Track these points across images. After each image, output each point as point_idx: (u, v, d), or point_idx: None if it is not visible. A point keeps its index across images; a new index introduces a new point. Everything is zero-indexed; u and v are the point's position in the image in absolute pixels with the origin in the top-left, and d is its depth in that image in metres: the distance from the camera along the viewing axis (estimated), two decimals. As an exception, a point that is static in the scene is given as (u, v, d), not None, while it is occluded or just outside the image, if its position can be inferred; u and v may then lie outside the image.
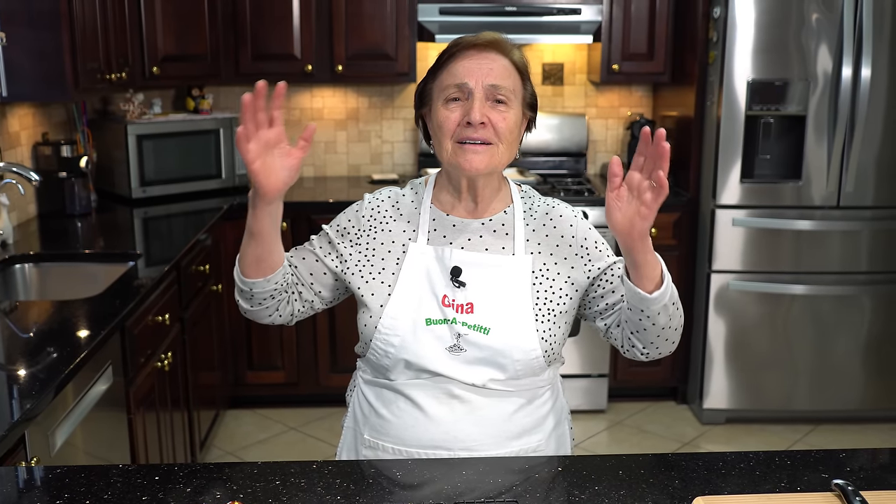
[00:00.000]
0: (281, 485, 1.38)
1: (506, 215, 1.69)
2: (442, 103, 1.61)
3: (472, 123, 1.57)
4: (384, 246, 1.68)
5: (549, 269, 1.66)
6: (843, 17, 3.55)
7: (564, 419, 1.78)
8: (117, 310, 2.31)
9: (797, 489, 1.37)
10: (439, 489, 1.37)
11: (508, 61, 1.62)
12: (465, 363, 1.59)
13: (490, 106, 1.59)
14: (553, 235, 1.68)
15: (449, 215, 1.68)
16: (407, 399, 1.62)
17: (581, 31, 4.07)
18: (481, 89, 1.58)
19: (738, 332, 3.87)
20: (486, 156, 1.59)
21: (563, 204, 1.75)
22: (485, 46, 1.61)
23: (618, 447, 3.77)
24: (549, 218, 1.70)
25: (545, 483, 1.40)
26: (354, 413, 1.74)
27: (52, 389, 1.80)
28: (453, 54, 1.62)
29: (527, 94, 1.66)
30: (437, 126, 1.63)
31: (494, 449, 1.61)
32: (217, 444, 3.71)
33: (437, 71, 1.64)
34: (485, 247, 1.66)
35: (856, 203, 3.74)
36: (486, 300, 1.61)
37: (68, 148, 3.52)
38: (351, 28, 4.05)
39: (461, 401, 1.60)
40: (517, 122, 1.63)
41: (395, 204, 1.72)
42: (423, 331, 1.60)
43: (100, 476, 1.40)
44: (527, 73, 1.66)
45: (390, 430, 1.64)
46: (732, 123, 3.71)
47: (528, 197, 1.74)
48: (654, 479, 1.40)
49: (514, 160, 1.68)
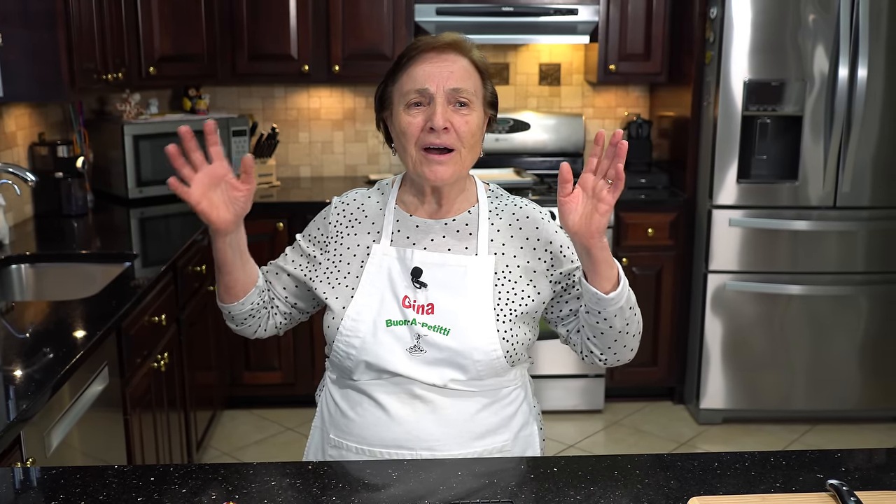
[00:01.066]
0: (276, 485, 1.38)
1: (470, 215, 1.68)
2: (403, 108, 1.60)
3: (435, 129, 1.56)
4: (350, 250, 1.68)
5: (511, 270, 1.65)
6: (840, 17, 3.56)
7: (533, 420, 1.76)
8: (113, 310, 2.31)
9: (792, 489, 1.37)
10: (428, 485, 1.37)
11: (468, 61, 1.61)
12: (425, 364, 1.58)
13: (452, 110, 1.58)
14: (518, 236, 1.67)
15: (412, 216, 1.68)
16: (370, 399, 1.62)
17: (578, 31, 4.07)
18: (443, 94, 1.57)
19: (734, 332, 3.87)
20: (451, 166, 1.59)
21: (531, 204, 1.73)
22: (444, 48, 1.60)
23: (614, 447, 3.77)
24: (515, 218, 1.69)
25: (540, 483, 1.39)
26: (322, 413, 1.74)
27: (47, 390, 1.80)
28: (412, 57, 1.60)
29: (487, 94, 1.65)
30: (399, 132, 1.62)
31: (457, 449, 1.60)
32: (214, 445, 3.71)
33: (397, 74, 1.63)
34: (447, 247, 1.65)
35: (852, 203, 3.75)
36: (447, 301, 1.60)
37: (65, 148, 3.52)
38: (348, 28, 4.04)
39: (423, 401, 1.59)
40: (479, 123, 1.62)
41: (361, 206, 1.72)
42: (384, 332, 1.59)
43: (95, 477, 1.40)
44: (487, 72, 1.65)
45: (354, 430, 1.64)
46: (729, 124, 3.72)
47: (494, 196, 1.73)
48: (650, 480, 1.40)
49: (480, 158, 1.68)
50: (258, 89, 4.45)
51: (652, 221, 3.96)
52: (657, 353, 4.09)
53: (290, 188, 4.28)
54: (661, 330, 4.06)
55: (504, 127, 4.41)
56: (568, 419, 4.00)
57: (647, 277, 4.00)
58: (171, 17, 3.83)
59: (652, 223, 3.96)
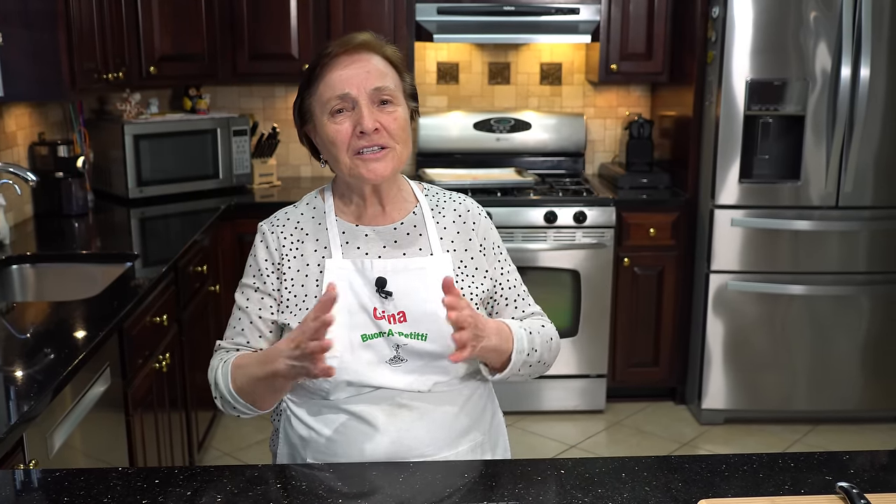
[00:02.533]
0: (282, 487, 1.37)
1: (415, 216, 1.66)
2: (328, 117, 1.56)
3: (365, 132, 1.54)
4: (300, 272, 1.61)
5: (466, 265, 1.65)
6: (842, 16, 3.55)
7: (497, 409, 1.76)
8: (115, 311, 2.30)
9: (801, 492, 1.36)
10: (432, 489, 1.36)
11: (382, 58, 1.59)
12: (407, 373, 1.56)
13: (378, 109, 1.56)
14: (464, 231, 1.67)
15: (358, 226, 1.64)
16: (351, 415, 1.57)
17: (579, 30, 4.06)
18: (365, 95, 1.54)
19: (736, 332, 3.87)
20: (388, 161, 1.57)
21: (469, 199, 1.73)
22: (355, 49, 1.56)
23: (616, 448, 3.76)
24: (457, 214, 1.68)
25: (547, 484, 1.39)
26: (289, 440, 1.64)
27: (49, 391, 1.79)
28: (325, 64, 1.56)
29: (407, 87, 1.63)
30: (328, 142, 1.58)
31: (445, 451, 1.58)
32: (215, 445, 3.70)
33: (313, 84, 1.58)
34: (402, 251, 1.62)
35: (854, 203, 3.74)
36: (416, 306, 1.57)
37: (65, 148, 3.51)
38: (348, 28, 4.03)
39: (409, 409, 1.57)
40: (406, 117, 1.60)
41: (297, 225, 1.65)
42: (361, 348, 1.55)
43: (99, 479, 1.39)
44: (403, 65, 1.63)
45: (337, 450, 1.57)
46: (731, 123, 3.71)
47: (432, 194, 1.71)
48: (657, 482, 1.40)
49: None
50: (259, 89, 4.44)
51: (654, 221, 3.95)
52: (659, 353, 4.08)
53: (291, 188, 4.27)
54: (662, 330, 4.06)
55: (505, 126, 4.40)
56: (569, 419, 3.99)
57: (648, 277, 4.00)
58: (172, 17, 3.82)
59: (654, 223, 3.95)
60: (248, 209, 3.89)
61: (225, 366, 1.60)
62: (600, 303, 3.94)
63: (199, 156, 3.96)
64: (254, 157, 4.20)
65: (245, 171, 4.09)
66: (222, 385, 1.59)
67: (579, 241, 3.88)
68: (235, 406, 1.59)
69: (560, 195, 3.93)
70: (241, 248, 3.87)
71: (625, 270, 3.97)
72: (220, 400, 1.62)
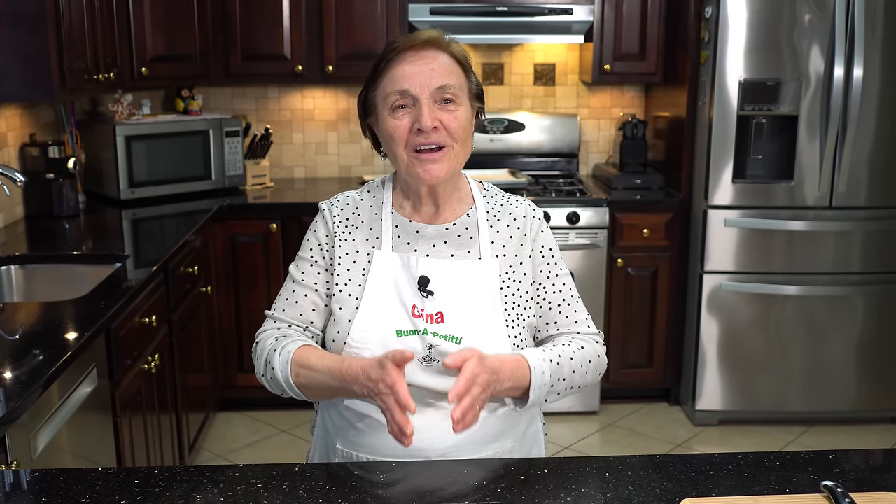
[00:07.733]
0: (262, 488, 1.36)
1: (469, 217, 1.65)
2: (388, 112, 1.57)
3: (424, 129, 1.53)
4: (349, 256, 1.63)
5: (515, 271, 1.63)
6: (836, 17, 3.55)
7: (537, 416, 1.75)
8: (102, 311, 2.29)
9: (786, 491, 1.35)
10: (417, 489, 1.35)
11: (448, 56, 1.58)
12: (438, 373, 1.55)
13: (439, 107, 1.55)
14: (517, 237, 1.65)
15: (412, 221, 1.64)
16: (379, 410, 1.57)
17: (573, 31, 4.06)
18: (427, 93, 1.54)
19: (730, 333, 3.86)
20: (445, 163, 1.57)
21: (526, 203, 1.71)
22: (422, 45, 1.56)
23: (610, 449, 3.75)
24: (512, 218, 1.67)
25: (530, 484, 1.37)
26: (324, 423, 1.69)
27: (33, 391, 1.77)
28: (391, 59, 1.57)
29: (472, 87, 1.62)
30: (387, 136, 1.58)
31: (469, 454, 1.57)
32: (207, 447, 3.69)
33: (377, 78, 1.59)
34: (450, 253, 1.62)
35: (848, 203, 3.73)
36: (456, 309, 1.57)
37: (56, 149, 3.49)
38: (341, 28, 4.03)
39: (436, 408, 1.56)
40: (468, 117, 1.59)
41: (356, 210, 1.67)
42: (395, 343, 1.55)
43: (78, 480, 1.38)
44: (468, 64, 1.62)
45: (364, 441, 1.59)
46: (724, 123, 3.70)
47: (490, 196, 1.70)
48: (642, 481, 1.38)
49: (475, 158, 1.65)
50: (251, 90, 4.43)
51: (647, 222, 3.94)
52: (653, 354, 4.07)
53: (284, 189, 4.26)
54: (656, 331, 4.05)
55: (499, 127, 4.40)
56: (563, 421, 3.98)
57: (642, 278, 3.99)
58: (164, 17, 3.81)
59: (647, 224, 3.94)
60: (240, 210, 3.88)
61: (283, 354, 1.57)
62: (594, 304, 3.92)
63: (192, 157, 3.95)
64: (247, 158, 4.19)
65: (238, 172, 4.08)
66: (279, 374, 1.57)
67: (573, 241, 3.87)
68: (288, 392, 1.59)
69: (553, 196, 3.93)
70: (234, 249, 3.87)
71: (618, 271, 3.96)
72: (271, 382, 1.61)
